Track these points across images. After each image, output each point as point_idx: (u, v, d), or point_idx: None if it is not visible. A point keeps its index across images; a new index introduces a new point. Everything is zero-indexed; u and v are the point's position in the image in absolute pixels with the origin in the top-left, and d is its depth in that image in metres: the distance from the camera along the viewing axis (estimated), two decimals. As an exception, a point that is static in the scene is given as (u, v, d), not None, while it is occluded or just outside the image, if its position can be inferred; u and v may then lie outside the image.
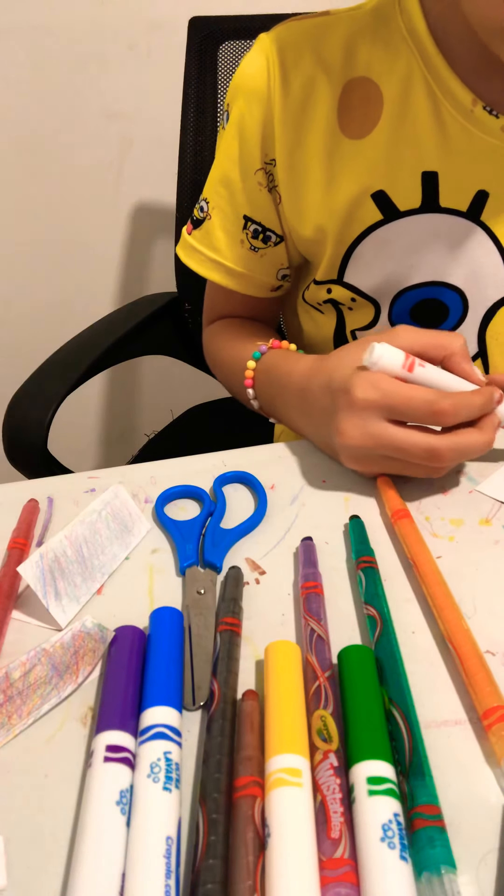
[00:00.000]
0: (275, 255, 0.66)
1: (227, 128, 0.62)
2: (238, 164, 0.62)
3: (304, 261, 0.68)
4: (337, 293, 0.63)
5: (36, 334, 1.35)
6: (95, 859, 0.27)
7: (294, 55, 0.57)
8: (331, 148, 0.58)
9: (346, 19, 0.58)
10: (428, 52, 0.55)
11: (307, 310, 0.68)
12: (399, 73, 0.56)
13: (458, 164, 0.56)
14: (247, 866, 0.27)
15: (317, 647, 0.37)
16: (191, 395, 1.17)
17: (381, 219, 0.59)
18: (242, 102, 0.60)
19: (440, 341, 0.49)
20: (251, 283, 0.68)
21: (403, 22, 0.56)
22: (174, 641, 0.37)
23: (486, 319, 0.62)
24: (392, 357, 0.47)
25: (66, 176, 1.27)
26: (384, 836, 0.27)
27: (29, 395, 0.78)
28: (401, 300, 0.62)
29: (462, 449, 0.47)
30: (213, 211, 0.65)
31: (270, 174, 0.61)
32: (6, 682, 0.36)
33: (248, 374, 0.61)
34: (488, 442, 0.47)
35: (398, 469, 0.49)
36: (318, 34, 0.58)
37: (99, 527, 0.45)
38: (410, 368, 0.47)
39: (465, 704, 0.35)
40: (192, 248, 0.68)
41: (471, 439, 0.47)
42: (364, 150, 0.57)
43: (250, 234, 0.64)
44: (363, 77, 0.57)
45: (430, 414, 0.46)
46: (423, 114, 0.56)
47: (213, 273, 0.68)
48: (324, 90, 0.57)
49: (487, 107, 0.55)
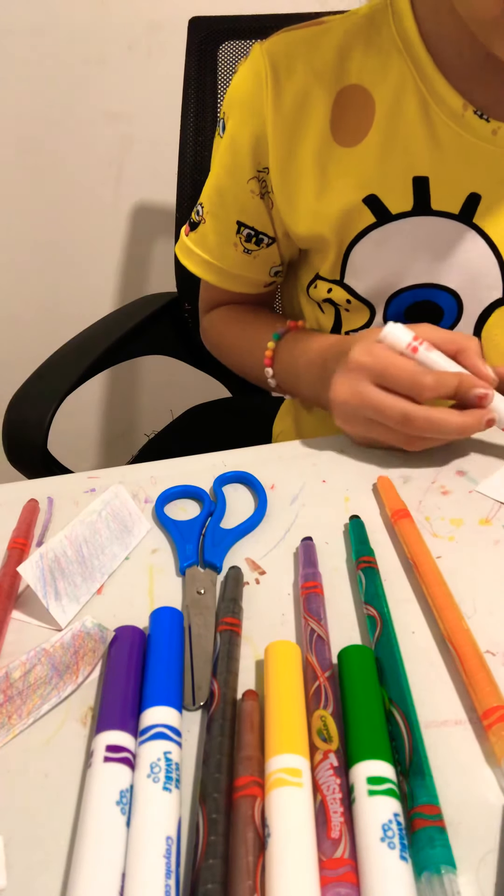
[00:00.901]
0: (267, 255, 0.68)
1: (222, 138, 0.64)
2: (231, 174, 0.64)
3: (299, 256, 0.69)
4: (335, 294, 0.64)
5: (36, 334, 1.36)
6: (95, 859, 0.27)
7: (287, 66, 0.58)
8: (324, 156, 0.59)
9: (339, 27, 0.59)
10: (420, 59, 0.56)
11: (311, 305, 0.69)
12: (391, 80, 0.57)
13: (449, 168, 0.57)
14: (247, 866, 0.27)
15: (317, 647, 0.37)
16: (191, 395, 1.17)
17: (374, 222, 0.59)
18: (236, 115, 0.62)
19: (455, 337, 0.52)
20: (245, 282, 0.70)
21: (396, 29, 0.57)
22: (174, 641, 0.37)
23: (480, 321, 0.62)
24: (399, 335, 0.51)
25: (66, 176, 1.27)
26: (384, 836, 0.27)
27: (29, 395, 0.78)
28: (395, 302, 0.62)
29: (435, 421, 0.49)
30: (207, 215, 0.68)
31: (263, 181, 0.63)
32: (6, 682, 0.36)
33: (268, 353, 0.65)
34: (463, 425, 0.49)
35: (378, 433, 0.52)
36: (312, 43, 0.58)
37: (99, 527, 0.45)
38: (414, 350, 0.51)
39: (465, 704, 0.35)
40: (188, 249, 0.71)
41: (446, 416, 0.49)
42: (356, 157, 0.58)
43: (243, 238, 0.67)
44: (356, 85, 0.58)
45: (411, 383, 0.49)
46: (414, 119, 0.56)
47: (208, 274, 0.71)
48: (316, 100, 0.58)
49: (478, 111, 0.55)
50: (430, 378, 0.49)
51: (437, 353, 0.51)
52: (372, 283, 0.62)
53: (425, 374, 0.49)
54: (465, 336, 0.52)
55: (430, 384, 0.49)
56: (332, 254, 0.62)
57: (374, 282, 0.62)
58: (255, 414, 0.97)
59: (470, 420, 0.49)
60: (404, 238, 0.59)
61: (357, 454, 0.54)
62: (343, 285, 0.63)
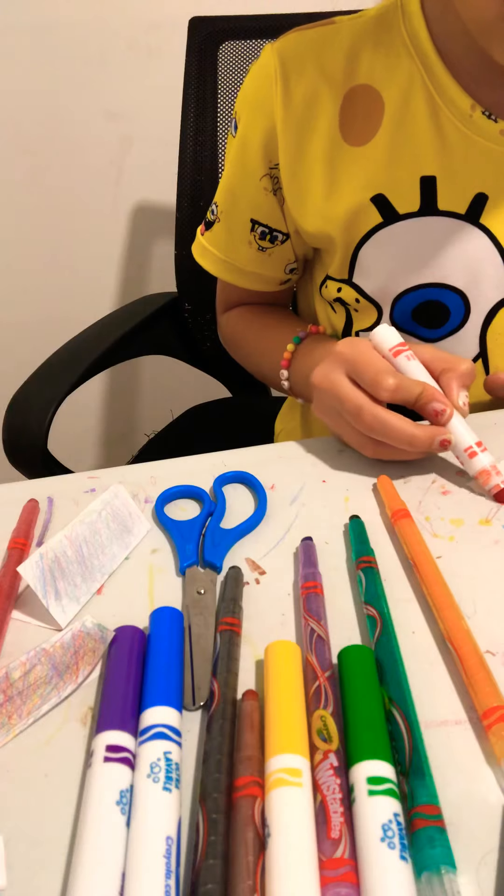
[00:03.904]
0: (282, 252, 0.68)
1: (234, 137, 0.65)
2: (243, 172, 0.64)
3: (313, 253, 0.70)
4: (345, 293, 0.64)
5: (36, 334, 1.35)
6: (95, 859, 0.27)
7: (297, 66, 0.59)
8: (333, 155, 0.59)
9: (348, 27, 0.59)
10: (429, 59, 0.56)
11: (324, 304, 0.69)
12: (400, 80, 0.57)
13: (456, 167, 0.57)
14: (247, 866, 0.27)
15: (317, 647, 0.37)
16: (191, 395, 1.17)
17: (381, 221, 0.59)
18: (247, 114, 0.63)
19: (448, 357, 0.52)
20: (260, 280, 0.71)
21: (406, 29, 0.57)
22: (174, 641, 0.37)
23: (487, 321, 0.62)
24: (386, 337, 0.52)
25: (66, 176, 1.27)
26: (384, 836, 0.27)
27: (29, 396, 0.78)
28: (402, 302, 0.62)
29: (384, 422, 0.48)
30: (222, 214, 0.69)
31: (275, 178, 0.63)
32: (6, 682, 0.36)
33: (286, 356, 0.65)
34: (413, 436, 0.48)
35: (340, 428, 0.53)
36: (321, 43, 0.59)
37: (99, 527, 0.45)
38: (395, 354, 0.51)
39: (465, 704, 0.35)
40: (204, 248, 0.71)
41: (398, 421, 0.49)
42: (365, 156, 0.59)
43: (258, 236, 0.67)
44: (365, 85, 0.58)
45: (372, 379, 0.49)
46: (423, 119, 0.57)
47: (225, 272, 0.71)
48: (326, 100, 0.58)
49: (486, 111, 0.56)
50: (392, 379, 0.49)
51: (416, 364, 0.51)
52: (379, 283, 0.62)
53: (389, 375, 0.49)
54: (459, 359, 0.52)
55: (389, 385, 0.48)
56: (340, 253, 0.62)
57: (382, 281, 0.62)
58: (255, 414, 0.97)
59: (421, 434, 0.48)
60: (411, 238, 0.60)
61: (357, 454, 0.54)
62: (352, 285, 0.63)
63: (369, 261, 0.61)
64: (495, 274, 0.60)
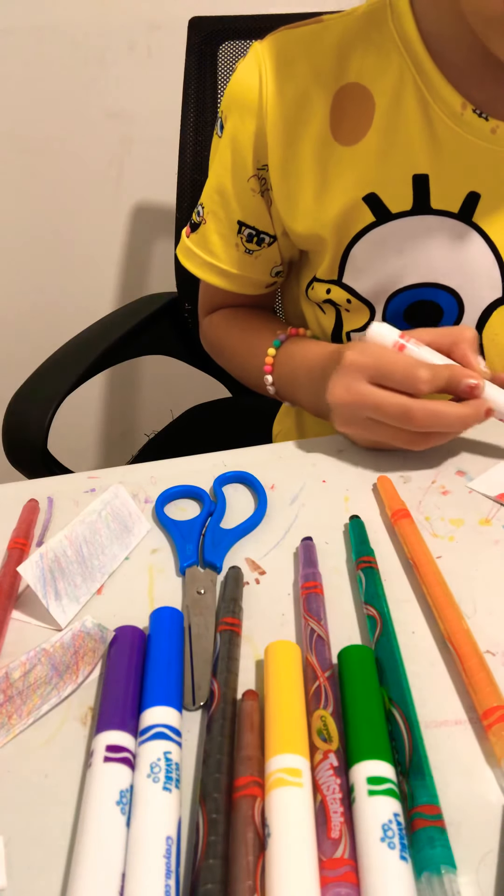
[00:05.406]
0: (268, 255, 0.68)
1: (221, 137, 0.64)
2: (231, 173, 0.63)
3: (299, 256, 0.69)
4: (335, 294, 0.64)
5: (36, 334, 1.35)
6: (95, 859, 0.27)
7: (286, 65, 0.58)
8: (324, 155, 0.59)
9: (338, 25, 0.58)
10: (419, 57, 0.56)
11: (311, 306, 0.69)
12: (390, 78, 0.57)
13: (448, 166, 0.57)
14: (247, 866, 0.27)
15: (317, 647, 0.37)
16: (191, 395, 1.17)
17: (374, 221, 0.59)
18: (235, 114, 0.61)
19: (445, 331, 0.52)
20: (246, 283, 0.70)
21: (395, 27, 0.56)
22: (174, 641, 0.37)
23: (481, 321, 0.62)
24: (384, 333, 0.52)
25: (66, 175, 1.27)
26: (384, 836, 0.27)
27: (29, 395, 0.78)
28: (395, 301, 0.62)
29: (435, 413, 0.48)
30: (208, 216, 0.67)
31: (263, 178, 0.62)
32: (6, 682, 0.36)
33: (268, 360, 0.64)
34: (464, 416, 0.49)
35: (380, 434, 0.51)
36: (311, 42, 0.58)
37: (99, 527, 0.45)
38: (401, 348, 0.51)
39: (465, 704, 0.35)
40: (189, 250, 0.70)
41: (446, 408, 0.48)
42: (356, 155, 0.58)
43: (244, 239, 0.66)
44: (355, 83, 0.57)
45: (406, 377, 0.48)
46: (414, 118, 0.56)
47: (209, 275, 0.70)
48: (316, 99, 0.58)
49: (477, 110, 0.55)
50: (426, 370, 0.48)
51: (426, 349, 0.51)
52: (372, 283, 0.62)
53: (421, 367, 0.49)
54: (460, 328, 0.52)
55: (426, 377, 0.48)
56: (330, 254, 0.61)
57: (374, 281, 0.62)
58: (255, 414, 0.97)
59: (469, 411, 0.49)
60: (404, 236, 0.59)
61: (357, 454, 0.54)
62: (342, 285, 0.63)
63: (361, 261, 0.61)
64: (489, 274, 0.60)
